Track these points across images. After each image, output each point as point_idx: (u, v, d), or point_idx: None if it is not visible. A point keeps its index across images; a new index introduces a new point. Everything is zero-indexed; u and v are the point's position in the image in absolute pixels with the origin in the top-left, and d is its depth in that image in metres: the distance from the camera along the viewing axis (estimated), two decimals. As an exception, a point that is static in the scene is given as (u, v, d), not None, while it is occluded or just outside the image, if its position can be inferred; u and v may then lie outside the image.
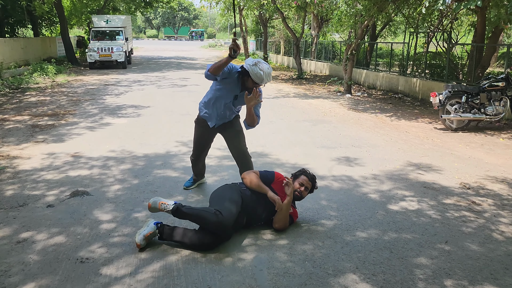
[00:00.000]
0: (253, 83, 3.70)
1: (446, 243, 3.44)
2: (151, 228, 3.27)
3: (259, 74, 3.62)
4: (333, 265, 3.06)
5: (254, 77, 3.64)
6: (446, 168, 5.47)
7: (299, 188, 3.61)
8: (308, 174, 3.70)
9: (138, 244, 3.19)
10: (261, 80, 3.65)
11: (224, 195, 3.46)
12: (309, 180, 3.66)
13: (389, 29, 24.33)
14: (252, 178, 3.57)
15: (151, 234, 3.25)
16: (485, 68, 10.72)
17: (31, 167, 5.16)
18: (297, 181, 3.65)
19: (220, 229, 3.20)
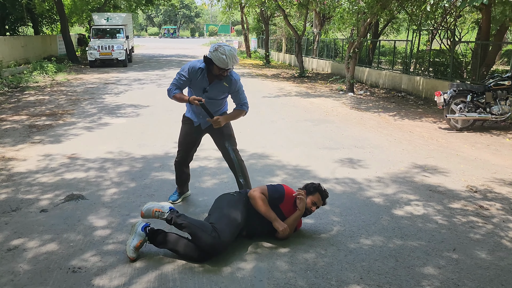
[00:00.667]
0: (219, 69, 3.52)
1: (453, 250, 3.30)
2: (139, 236, 3.10)
3: (222, 59, 3.44)
4: (336, 275, 2.92)
5: (218, 63, 3.47)
6: (452, 170, 5.32)
7: (311, 208, 3.46)
8: (323, 192, 3.51)
9: (131, 257, 3.04)
10: (226, 64, 3.46)
11: (226, 209, 3.27)
12: (322, 199, 3.51)
13: (391, 26, 24.13)
14: (260, 204, 3.33)
15: (141, 242, 3.09)
16: (490, 67, 10.55)
17: (26, 170, 5.03)
18: (310, 199, 3.46)
19: (211, 250, 3.04)
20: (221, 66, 3.48)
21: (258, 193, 3.37)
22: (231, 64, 3.50)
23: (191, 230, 3.07)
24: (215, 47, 3.47)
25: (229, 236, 3.10)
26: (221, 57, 3.43)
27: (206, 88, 3.70)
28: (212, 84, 3.69)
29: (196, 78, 3.67)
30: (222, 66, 3.48)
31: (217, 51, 3.44)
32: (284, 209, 3.43)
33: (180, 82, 3.74)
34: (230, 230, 3.12)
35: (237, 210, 3.29)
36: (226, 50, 3.44)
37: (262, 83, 14.90)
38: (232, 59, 3.47)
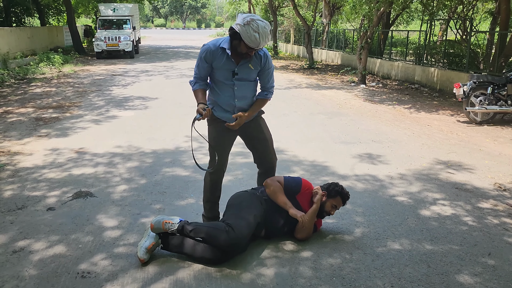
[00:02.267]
0: (246, 47, 2.87)
1: (489, 255, 3.07)
2: (152, 238, 2.91)
3: (253, 37, 2.78)
4: (365, 283, 2.70)
5: (248, 41, 2.81)
6: (477, 166, 5.06)
7: (331, 211, 3.23)
8: (345, 196, 3.27)
9: (142, 259, 2.84)
10: (257, 43, 2.81)
11: (241, 206, 3.07)
12: (343, 202, 3.27)
13: (401, 16, 23.64)
14: (275, 191, 3.14)
15: (153, 245, 2.89)
16: (509, 57, 10.17)
17: (33, 165, 4.85)
18: (331, 202, 3.22)
19: (230, 248, 2.83)
20: (250, 45, 2.83)
21: (273, 181, 3.18)
22: (263, 44, 2.86)
23: (204, 232, 2.86)
24: (247, 20, 2.80)
25: (246, 230, 2.87)
26: (253, 34, 2.78)
27: (235, 70, 3.03)
28: (241, 64, 3.03)
29: (219, 60, 3.00)
30: (252, 45, 2.83)
31: (249, 25, 2.78)
32: (301, 200, 3.22)
33: (200, 71, 3.08)
34: (245, 224, 2.90)
35: (252, 205, 3.08)
36: (260, 26, 2.79)
37: (271, 74, 14.60)
38: (265, 38, 2.83)
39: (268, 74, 3.16)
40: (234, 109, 3.13)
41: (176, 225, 2.92)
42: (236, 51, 2.96)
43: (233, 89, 3.08)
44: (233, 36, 2.90)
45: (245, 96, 3.14)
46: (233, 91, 3.09)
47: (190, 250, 2.89)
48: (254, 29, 2.78)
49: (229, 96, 3.10)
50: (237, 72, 3.04)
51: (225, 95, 3.10)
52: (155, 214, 3.61)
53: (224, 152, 3.25)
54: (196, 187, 4.22)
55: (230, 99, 3.10)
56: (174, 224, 2.92)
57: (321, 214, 3.26)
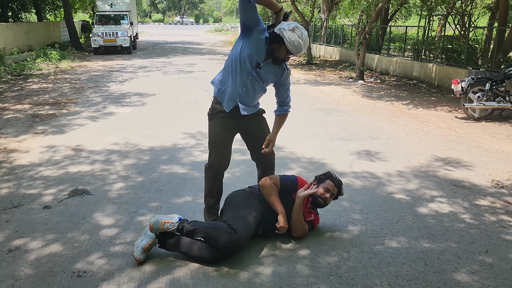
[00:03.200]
0: (286, 52, 2.93)
1: (486, 253, 3.07)
2: (149, 238, 2.88)
3: (297, 43, 2.86)
4: (362, 281, 2.70)
5: (291, 46, 2.87)
6: (475, 163, 5.06)
7: (324, 194, 3.19)
8: (334, 179, 3.26)
9: (138, 259, 2.82)
10: (299, 50, 2.89)
11: (240, 206, 3.04)
12: (335, 186, 3.23)
13: (400, 12, 23.57)
14: (269, 193, 3.12)
15: (150, 244, 2.87)
16: (507, 53, 10.16)
17: (29, 162, 4.82)
18: (322, 186, 3.22)
19: (231, 250, 2.82)
20: (292, 51, 2.89)
21: (268, 182, 3.15)
22: (303, 52, 2.96)
23: (205, 232, 2.84)
24: (292, 27, 2.87)
25: (246, 231, 2.86)
26: (298, 40, 2.86)
27: (260, 63, 3.00)
28: (266, 63, 3.02)
29: (257, 34, 2.93)
30: (293, 50, 2.89)
31: (294, 32, 2.86)
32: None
33: None
34: (246, 225, 2.88)
35: (251, 205, 3.06)
36: (304, 34, 2.89)
37: (270, 70, 14.56)
38: (306, 45, 2.93)
39: (286, 89, 3.20)
40: (237, 100, 3.09)
41: (175, 224, 2.89)
42: (273, 55, 2.98)
43: (248, 79, 3.04)
44: (274, 39, 2.92)
45: (250, 94, 3.11)
46: (246, 80, 3.04)
47: (186, 249, 2.87)
48: (298, 36, 2.86)
49: (240, 83, 3.05)
50: (261, 66, 3.01)
51: (237, 80, 3.05)
52: (152, 212, 3.60)
53: (224, 149, 3.22)
54: (193, 185, 4.20)
55: (239, 87, 3.06)
56: (173, 224, 2.88)
57: (317, 204, 3.21)
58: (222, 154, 3.20)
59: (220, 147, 3.20)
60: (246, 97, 3.10)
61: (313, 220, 3.26)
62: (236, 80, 3.05)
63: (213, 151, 3.21)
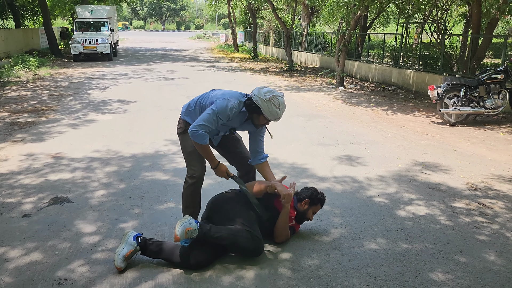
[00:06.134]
0: (264, 120, 3.05)
1: (460, 253, 3.17)
2: (130, 245, 2.86)
3: (275, 112, 2.96)
4: (342, 283, 2.76)
5: (268, 115, 2.97)
6: (450, 166, 5.21)
7: (310, 217, 3.33)
8: (323, 202, 3.38)
9: (118, 267, 2.81)
10: (277, 118, 3.02)
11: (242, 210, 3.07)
12: (322, 207, 3.43)
13: (378, 20, 24.05)
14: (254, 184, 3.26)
15: (131, 252, 2.85)
16: (481, 60, 10.49)
17: (8, 170, 4.76)
18: (313, 209, 3.31)
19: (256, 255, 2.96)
20: (270, 119, 3.01)
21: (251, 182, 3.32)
22: (281, 118, 3.06)
23: (230, 239, 2.87)
24: (269, 97, 2.93)
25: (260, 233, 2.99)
26: (275, 110, 2.95)
27: (236, 127, 3.20)
28: (242, 125, 3.20)
29: (235, 122, 3.12)
30: (271, 119, 3.01)
31: (271, 102, 2.93)
32: (279, 206, 3.25)
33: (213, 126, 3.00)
34: (257, 228, 3.01)
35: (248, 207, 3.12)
36: (281, 103, 2.97)
37: (251, 77, 14.67)
38: (283, 112, 3.03)
39: (262, 138, 3.30)
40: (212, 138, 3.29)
41: (197, 230, 2.84)
42: (252, 121, 3.11)
43: (219, 134, 3.26)
44: (252, 110, 3.02)
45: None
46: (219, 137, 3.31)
47: (169, 255, 2.89)
48: (275, 105, 2.95)
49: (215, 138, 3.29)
50: (237, 129, 3.23)
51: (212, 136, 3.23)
52: (134, 219, 3.60)
53: (202, 158, 3.23)
54: (175, 191, 4.22)
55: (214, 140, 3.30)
56: (195, 230, 2.83)
57: (302, 220, 3.34)
58: (202, 161, 3.23)
59: (199, 158, 3.20)
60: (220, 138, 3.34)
61: (293, 225, 3.32)
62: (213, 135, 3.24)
63: (194, 160, 3.20)
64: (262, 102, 2.94)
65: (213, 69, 16.78)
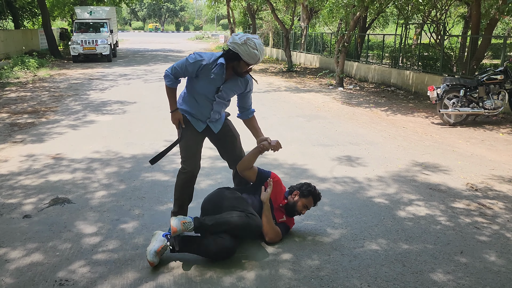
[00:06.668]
0: (246, 65, 3.01)
1: (461, 253, 3.17)
2: (161, 241, 2.90)
3: (253, 54, 2.92)
4: (342, 283, 2.77)
5: (248, 59, 2.94)
6: (450, 167, 5.21)
7: (302, 211, 3.31)
8: (316, 196, 3.34)
9: (151, 262, 2.83)
10: (257, 60, 2.97)
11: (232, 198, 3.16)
12: (314, 203, 3.36)
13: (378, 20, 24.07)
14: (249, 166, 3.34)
15: (162, 248, 2.88)
16: (480, 60, 10.50)
17: (8, 171, 4.76)
18: (302, 202, 3.29)
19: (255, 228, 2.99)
20: (251, 62, 2.97)
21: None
22: (261, 59, 3.02)
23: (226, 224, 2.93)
24: (243, 40, 2.91)
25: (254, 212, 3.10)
26: (253, 51, 2.91)
27: (220, 87, 3.14)
28: (226, 83, 3.15)
29: (209, 75, 3.07)
30: (252, 62, 2.97)
31: (247, 45, 2.90)
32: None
33: (182, 73, 3.14)
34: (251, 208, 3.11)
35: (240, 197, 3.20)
36: (257, 44, 2.93)
37: (251, 78, 14.66)
38: (262, 53, 2.99)
39: (250, 95, 3.37)
40: (207, 120, 3.29)
41: (192, 223, 2.92)
42: (236, 71, 3.08)
43: (212, 103, 3.22)
44: (233, 57, 2.99)
45: (219, 111, 3.31)
46: (212, 105, 3.23)
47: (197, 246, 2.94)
48: (252, 47, 2.91)
49: (206, 109, 3.23)
50: (222, 89, 3.16)
51: (203, 107, 3.23)
52: (134, 220, 3.60)
53: (196, 154, 3.28)
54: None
55: (206, 112, 3.24)
56: (190, 223, 2.91)
57: (292, 213, 3.32)
58: (196, 157, 3.28)
59: (194, 152, 3.27)
60: (214, 115, 3.29)
61: (285, 221, 3.32)
62: (202, 107, 3.23)
63: (187, 156, 3.26)
64: (239, 47, 2.92)
65: (212, 70, 16.75)
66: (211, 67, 3.06)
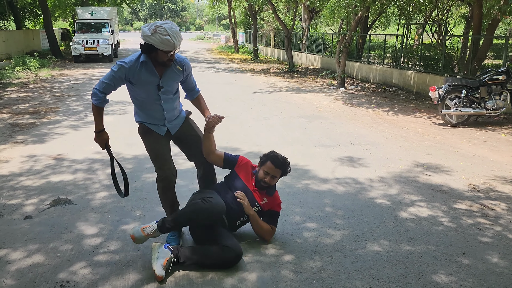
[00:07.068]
0: (165, 54, 2.87)
1: (463, 255, 3.16)
2: (165, 254, 2.82)
3: (165, 41, 2.76)
4: (345, 285, 2.75)
5: (163, 47, 2.80)
6: (452, 167, 5.20)
7: (264, 178, 3.19)
8: (274, 159, 3.18)
9: (160, 276, 2.72)
10: (172, 45, 2.80)
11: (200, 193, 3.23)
12: (276, 167, 3.18)
13: (379, 21, 24.06)
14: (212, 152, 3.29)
15: (168, 260, 2.79)
16: (482, 61, 10.49)
17: (9, 172, 4.76)
18: (262, 169, 3.21)
19: (215, 215, 2.93)
20: (167, 50, 2.83)
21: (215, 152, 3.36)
22: (178, 44, 2.85)
23: (185, 216, 2.96)
24: (152, 29, 2.77)
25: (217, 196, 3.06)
26: (165, 38, 2.76)
27: (159, 83, 3.03)
28: (164, 77, 3.04)
29: (139, 75, 2.97)
30: (168, 49, 2.82)
31: (157, 33, 2.76)
32: (239, 172, 3.29)
33: (110, 88, 3.07)
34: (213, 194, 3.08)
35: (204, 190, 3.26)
36: (167, 29, 2.78)
37: (252, 78, 14.68)
38: (177, 37, 2.82)
39: (191, 78, 3.29)
40: (165, 121, 3.20)
41: (154, 224, 2.90)
42: (158, 62, 2.96)
43: (160, 104, 3.13)
44: (148, 50, 2.89)
45: (172, 109, 3.21)
46: (161, 105, 3.13)
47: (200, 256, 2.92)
48: (163, 34, 2.77)
49: (158, 111, 3.15)
50: (162, 85, 3.05)
51: (154, 111, 3.16)
52: (136, 221, 3.60)
53: (167, 159, 3.24)
54: (177, 193, 4.17)
55: (159, 114, 3.16)
56: (153, 226, 2.89)
57: (261, 187, 3.23)
58: (168, 161, 3.23)
59: (165, 157, 3.22)
60: (169, 113, 3.20)
61: (269, 204, 3.24)
62: (153, 112, 3.16)
63: (160, 163, 3.23)
64: (150, 38, 2.79)
65: (213, 70, 16.78)
66: (137, 67, 2.96)
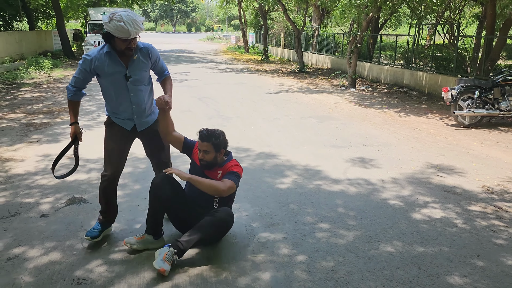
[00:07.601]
0: (122, 41, 2.88)
1: (477, 257, 3.15)
2: (164, 250, 2.88)
3: (120, 27, 2.78)
4: (358, 285, 2.76)
5: (118, 34, 2.82)
6: (465, 169, 5.16)
7: (199, 156, 3.18)
8: (201, 136, 3.15)
9: (162, 269, 2.76)
10: (127, 32, 2.81)
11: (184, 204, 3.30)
12: (203, 142, 3.12)
13: (390, 21, 23.92)
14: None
15: (167, 254, 2.83)
16: (495, 61, 10.38)
17: (25, 171, 4.83)
18: (197, 148, 3.22)
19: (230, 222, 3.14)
20: (122, 37, 2.84)
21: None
22: (134, 31, 2.84)
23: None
24: (109, 16, 2.82)
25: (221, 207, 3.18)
26: (119, 25, 2.78)
27: (126, 73, 3.03)
28: (130, 66, 3.04)
29: (104, 66, 2.99)
30: (124, 36, 2.83)
31: (113, 20, 2.79)
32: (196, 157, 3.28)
33: (81, 81, 3.09)
34: None
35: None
36: (123, 15, 2.81)
37: (262, 78, 14.69)
38: (133, 24, 2.82)
39: (160, 63, 3.28)
40: (133, 115, 3.18)
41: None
42: (120, 52, 2.97)
43: (129, 96, 3.12)
44: (107, 38, 2.92)
45: (142, 102, 3.17)
46: (129, 98, 3.12)
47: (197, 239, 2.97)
48: (118, 20, 2.79)
49: (126, 104, 3.14)
50: (130, 74, 3.05)
51: (122, 104, 3.14)
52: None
53: (116, 159, 3.26)
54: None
55: (128, 107, 3.15)
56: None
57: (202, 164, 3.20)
58: (116, 160, 3.25)
59: (114, 157, 3.25)
60: (139, 108, 3.17)
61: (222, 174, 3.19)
62: (121, 104, 3.13)
63: (107, 161, 3.27)
64: (107, 25, 2.83)
65: (224, 70, 16.83)
66: (101, 58, 2.98)
